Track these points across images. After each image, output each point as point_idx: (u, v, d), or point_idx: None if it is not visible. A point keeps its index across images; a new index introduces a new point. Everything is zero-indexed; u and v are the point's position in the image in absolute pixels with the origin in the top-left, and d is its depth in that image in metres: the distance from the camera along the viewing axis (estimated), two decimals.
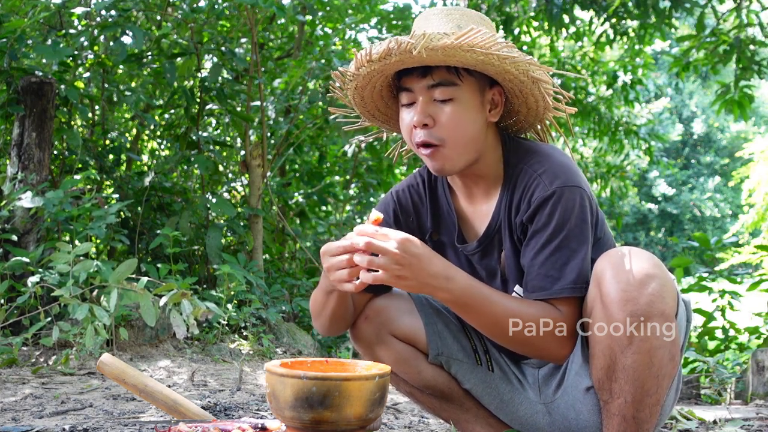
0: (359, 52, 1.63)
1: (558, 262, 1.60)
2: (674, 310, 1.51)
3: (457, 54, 1.55)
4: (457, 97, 1.63)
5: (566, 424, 1.77)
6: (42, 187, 3.80)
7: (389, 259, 1.49)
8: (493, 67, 1.60)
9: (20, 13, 4.38)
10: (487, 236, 1.75)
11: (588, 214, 1.64)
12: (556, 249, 1.61)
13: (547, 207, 1.61)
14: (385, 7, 6.30)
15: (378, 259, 1.50)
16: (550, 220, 1.61)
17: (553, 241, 1.61)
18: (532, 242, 1.64)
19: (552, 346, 1.62)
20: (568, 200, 1.61)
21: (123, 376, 1.82)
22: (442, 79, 1.62)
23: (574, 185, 1.63)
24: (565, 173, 1.64)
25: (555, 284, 1.60)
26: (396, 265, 1.50)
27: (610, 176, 8.83)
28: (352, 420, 1.42)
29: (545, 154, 1.69)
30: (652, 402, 1.51)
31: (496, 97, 1.70)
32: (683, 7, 5.86)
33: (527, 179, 1.66)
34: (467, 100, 1.64)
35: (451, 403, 1.91)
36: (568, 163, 1.67)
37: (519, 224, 1.68)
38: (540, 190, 1.63)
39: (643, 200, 22.88)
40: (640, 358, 1.48)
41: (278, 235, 5.75)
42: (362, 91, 1.75)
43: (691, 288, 4.52)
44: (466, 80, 1.64)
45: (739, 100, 5.98)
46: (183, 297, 3.09)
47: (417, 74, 1.63)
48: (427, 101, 1.64)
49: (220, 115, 5.58)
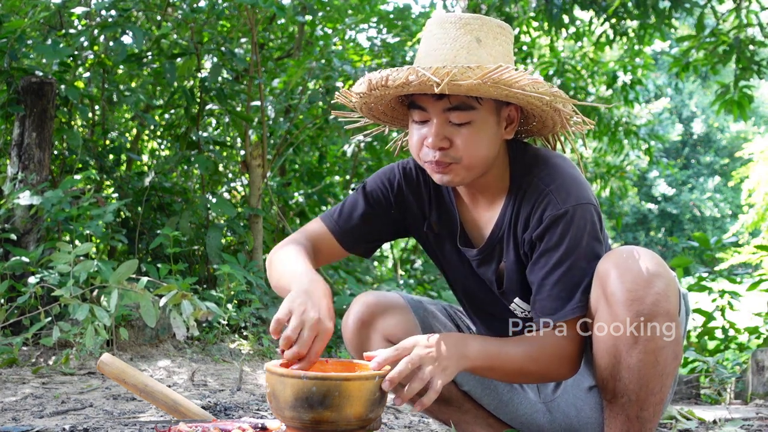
0: (374, 75, 1.56)
1: (569, 282, 1.58)
2: (678, 309, 1.52)
3: (481, 89, 1.49)
4: (474, 120, 1.57)
5: (567, 422, 1.77)
6: (42, 187, 3.80)
7: (422, 370, 1.46)
8: (517, 100, 1.56)
9: (20, 13, 4.38)
10: (488, 245, 1.73)
11: (599, 231, 1.62)
12: (568, 270, 1.58)
13: (560, 226, 1.58)
14: (385, 7, 6.30)
15: (411, 387, 1.46)
16: (561, 240, 1.58)
17: (565, 261, 1.58)
18: (542, 261, 1.60)
19: (563, 370, 1.62)
20: (580, 219, 1.58)
21: (123, 376, 1.82)
22: (460, 103, 1.56)
23: (587, 202, 1.60)
24: (576, 189, 1.61)
25: (566, 305, 1.58)
26: (429, 364, 1.46)
27: (610, 176, 8.82)
28: (352, 420, 1.42)
29: (554, 165, 1.65)
30: (656, 401, 1.51)
31: (512, 113, 1.66)
32: (683, 7, 5.86)
33: (537, 194, 1.62)
34: (484, 122, 1.59)
35: (450, 406, 1.91)
36: (578, 177, 1.64)
37: (528, 240, 1.65)
38: (551, 208, 1.59)
39: (643, 200, 22.87)
40: (646, 358, 1.48)
41: (278, 235, 5.75)
42: (369, 104, 1.70)
43: (691, 288, 4.52)
44: (484, 103, 1.58)
45: (738, 100, 5.98)
46: (183, 297, 3.09)
47: (433, 96, 1.56)
48: (442, 123, 1.58)
49: (220, 115, 5.58)
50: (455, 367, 1.51)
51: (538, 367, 1.59)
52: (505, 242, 1.70)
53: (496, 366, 1.58)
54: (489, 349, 1.57)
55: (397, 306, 1.86)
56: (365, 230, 1.84)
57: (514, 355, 1.58)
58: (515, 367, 1.58)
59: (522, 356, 1.58)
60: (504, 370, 1.59)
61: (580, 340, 1.60)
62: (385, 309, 1.85)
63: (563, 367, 1.61)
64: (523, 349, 1.59)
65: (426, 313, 1.89)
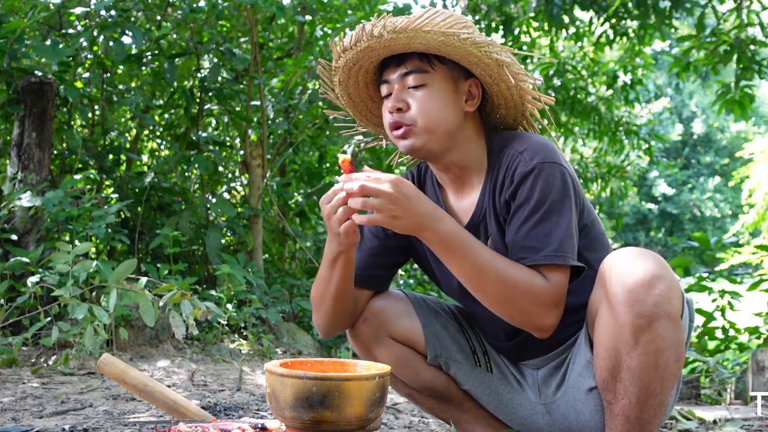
0: (335, 45, 1.71)
1: (540, 233, 1.59)
2: (680, 311, 1.51)
3: (419, 36, 1.60)
4: (428, 83, 1.68)
5: (566, 424, 1.77)
6: (42, 187, 3.80)
7: (384, 200, 1.52)
8: (455, 49, 1.63)
9: (20, 13, 4.38)
10: (472, 225, 1.74)
11: (570, 190, 1.63)
12: (538, 221, 1.60)
13: (528, 181, 1.62)
14: (385, 7, 6.29)
15: (372, 200, 1.52)
16: (531, 194, 1.61)
17: (535, 214, 1.61)
18: (515, 218, 1.64)
19: (534, 311, 1.58)
20: (549, 175, 1.62)
21: (123, 376, 1.82)
22: (414, 67, 1.68)
23: (555, 162, 1.63)
24: (545, 151, 1.65)
25: (537, 254, 1.58)
26: (391, 205, 1.52)
27: (610, 176, 8.82)
28: (352, 420, 1.42)
29: (527, 135, 1.71)
30: (656, 403, 1.51)
31: (473, 89, 1.73)
32: (683, 7, 5.86)
33: (509, 159, 1.67)
34: (439, 87, 1.68)
35: (450, 405, 1.91)
36: (549, 144, 1.67)
37: (503, 204, 1.68)
38: (521, 165, 1.64)
39: (643, 200, 22.87)
40: (646, 360, 1.48)
41: (278, 235, 5.75)
42: (346, 87, 1.79)
43: (691, 288, 4.52)
44: (438, 68, 1.69)
45: (739, 99, 5.98)
46: (183, 297, 3.09)
47: (392, 65, 1.70)
48: (401, 88, 1.69)
49: (220, 115, 5.58)
50: (408, 226, 1.55)
51: (506, 291, 1.57)
52: (488, 217, 1.72)
53: (461, 251, 1.58)
54: (463, 232, 1.59)
55: (400, 304, 1.88)
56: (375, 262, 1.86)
57: (486, 255, 1.58)
58: (479, 268, 1.57)
59: (491, 261, 1.58)
60: (468, 263, 1.58)
61: (558, 291, 1.59)
62: (388, 307, 1.86)
63: (531, 305, 1.58)
64: (497, 259, 1.59)
65: (429, 309, 1.89)
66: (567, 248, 1.59)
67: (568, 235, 1.60)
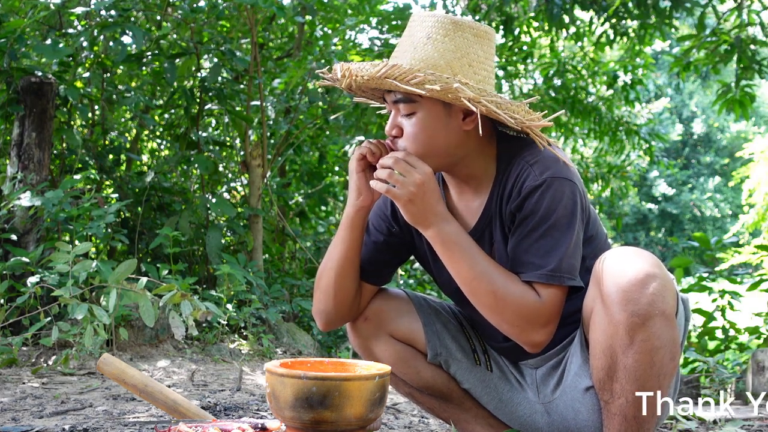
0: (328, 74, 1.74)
1: (541, 250, 1.60)
2: (675, 310, 1.51)
3: (386, 84, 1.61)
4: (417, 110, 1.65)
5: (565, 424, 1.77)
6: (42, 187, 3.80)
7: (410, 181, 1.59)
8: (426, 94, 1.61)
9: (20, 13, 4.38)
10: (477, 230, 1.74)
11: (578, 208, 1.63)
12: (540, 237, 1.60)
13: (535, 195, 1.61)
14: (385, 7, 6.28)
15: (399, 176, 1.59)
16: (537, 208, 1.61)
17: (538, 229, 1.60)
18: (518, 230, 1.64)
19: (522, 326, 1.60)
20: (557, 191, 1.61)
21: (123, 376, 1.82)
22: (401, 96, 1.66)
23: (565, 177, 1.62)
24: (557, 165, 1.63)
25: (535, 270, 1.59)
26: (413, 188, 1.59)
27: (611, 176, 8.81)
28: (352, 420, 1.42)
29: (540, 149, 1.68)
30: (653, 401, 1.51)
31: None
32: (683, 6, 5.86)
33: (519, 170, 1.66)
34: (428, 114, 1.65)
35: (450, 403, 1.91)
36: (562, 159, 1.66)
37: (508, 214, 1.67)
38: (530, 179, 1.63)
39: (643, 200, 22.85)
40: (642, 358, 1.48)
41: (278, 235, 5.75)
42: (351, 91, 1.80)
43: (691, 288, 4.52)
44: (425, 96, 1.62)
45: (740, 99, 5.98)
46: (183, 297, 3.08)
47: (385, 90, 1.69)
48: (395, 114, 1.70)
49: (220, 115, 5.58)
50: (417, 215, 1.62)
51: (496, 302, 1.60)
52: (493, 224, 1.72)
53: (459, 253, 1.63)
54: (467, 238, 1.65)
55: (401, 302, 1.88)
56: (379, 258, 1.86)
57: (484, 264, 1.62)
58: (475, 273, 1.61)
59: (488, 270, 1.61)
60: (465, 267, 1.63)
61: (550, 309, 1.59)
62: (389, 305, 1.86)
63: (522, 323, 1.60)
64: (494, 269, 1.62)
65: (429, 308, 1.90)
66: (565, 267, 1.59)
67: (569, 254, 1.60)
